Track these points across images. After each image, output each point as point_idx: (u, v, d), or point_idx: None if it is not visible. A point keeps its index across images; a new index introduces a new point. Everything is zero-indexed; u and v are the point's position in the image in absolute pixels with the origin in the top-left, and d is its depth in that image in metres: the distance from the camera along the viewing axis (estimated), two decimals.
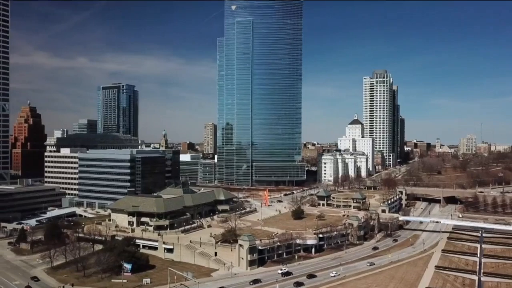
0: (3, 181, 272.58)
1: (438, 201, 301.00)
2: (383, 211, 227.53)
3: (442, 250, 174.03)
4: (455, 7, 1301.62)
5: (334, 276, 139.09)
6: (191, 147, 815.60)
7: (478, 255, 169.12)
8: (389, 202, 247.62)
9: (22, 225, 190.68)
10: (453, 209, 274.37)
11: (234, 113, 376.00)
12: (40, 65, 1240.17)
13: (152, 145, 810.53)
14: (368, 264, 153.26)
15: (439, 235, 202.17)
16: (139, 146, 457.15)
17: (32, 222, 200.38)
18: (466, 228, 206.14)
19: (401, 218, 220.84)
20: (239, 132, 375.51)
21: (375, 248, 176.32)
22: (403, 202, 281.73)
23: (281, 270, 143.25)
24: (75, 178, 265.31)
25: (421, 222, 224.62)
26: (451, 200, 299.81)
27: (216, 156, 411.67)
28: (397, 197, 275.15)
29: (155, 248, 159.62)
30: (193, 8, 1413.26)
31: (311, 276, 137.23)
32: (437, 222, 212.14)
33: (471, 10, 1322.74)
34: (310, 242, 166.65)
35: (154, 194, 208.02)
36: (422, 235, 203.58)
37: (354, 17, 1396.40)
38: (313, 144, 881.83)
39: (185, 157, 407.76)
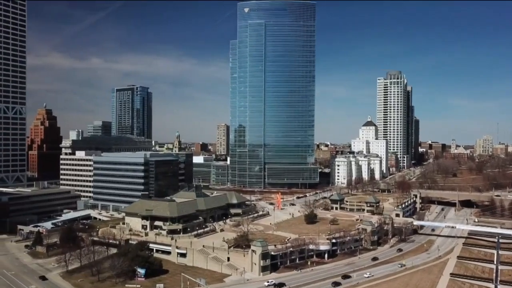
0: (20, 183, 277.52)
1: (453, 205, 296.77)
2: (397, 215, 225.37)
3: (457, 256, 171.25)
4: (471, 6, 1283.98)
5: (368, 277, 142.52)
6: (204, 147, 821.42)
7: (495, 262, 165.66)
8: (403, 206, 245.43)
9: (38, 228, 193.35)
10: (468, 213, 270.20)
11: (247, 115, 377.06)
12: (55, 66, 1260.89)
13: (165, 146, 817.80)
14: (399, 266, 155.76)
15: (454, 241, 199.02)
16: (153, 148, 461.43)
17: (48, 225, 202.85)
18: (482, 234, 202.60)
19: (416, 222, 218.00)
20: (251, 134, 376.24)
21: (389, 255, 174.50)
22: (418, 205, 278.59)
23: (268, 282, 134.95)
24: (90, 181, 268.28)
25: (433, 230, 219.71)
26: (466, 203, 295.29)
27: (228, 158, 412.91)
28: (411, 200, 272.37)
29: (169, 253, 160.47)
30: (205, 9, 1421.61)
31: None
32: (452, 227, 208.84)
33: (488, 9, 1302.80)
34: (323, 247, 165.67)
35: (168, 198, 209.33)
36: (437, 241, 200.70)
37: (367, 16, 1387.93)
38: (326, 145, 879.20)
39: (198, 159, 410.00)
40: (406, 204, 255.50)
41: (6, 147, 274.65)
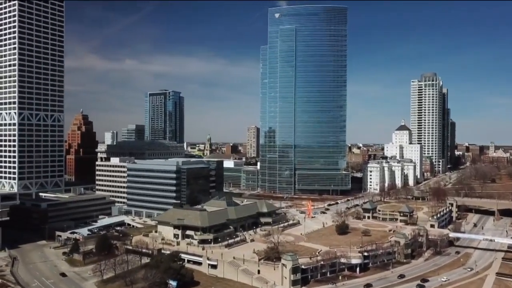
0: (58, 188, 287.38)
1: (491, 213, 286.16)
2: (432, 226, 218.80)
3: (496, 273, 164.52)
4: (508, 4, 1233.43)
5: (445, 281, 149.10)
6: (234, 149, 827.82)
7: None
8: (438, 216, 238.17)
9: (75, 234, 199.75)
10: (508, 223, 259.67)
11: (277, 121, 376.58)
12: (91, 67, 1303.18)
13: (197, 147, 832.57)
14: (468, 270, 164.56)
15: (493, 255, 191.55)
16: (184, 151, 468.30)
17: (84, 231, 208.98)
18: None
19: (451, 234, 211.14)
20: (281, 139, 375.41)
21: (424, 269, 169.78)
22: (454, 214, 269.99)
23: None
24: (123, 187, 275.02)
25: (457, 253, 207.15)
26: (506, 212, 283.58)
27: (259, 163, 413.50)
28: (447, 209, 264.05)
29: (200, 263, 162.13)
30: (235, 9, 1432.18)
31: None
32: (490, 240, 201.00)
33: None
34: (354, 261, 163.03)
35: (198, 206, 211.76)
36: (474, 254, 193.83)
37: (400, 16, 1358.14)
38: (359, 147, 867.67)
39: (228, 163, 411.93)
40: (442, 213, 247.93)
41: (45, 154, 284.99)
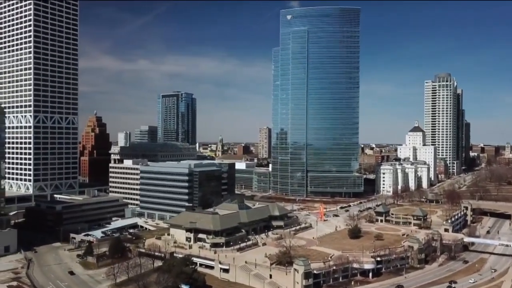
0: (72, 190, 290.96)
1: (507, 217, 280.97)
2: (446, 230, 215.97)
3: None
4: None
5: (473, 282, 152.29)
6: (246, 150, 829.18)
7: None
8: (452, 219, 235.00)
9: (89, 236, 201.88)
10: None
11: (289, 122, 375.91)
12: (104, 68, 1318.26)
13: (209, 147, 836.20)
14: (492, 271, 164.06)
15: (509, 260, 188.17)
16: (197, 152, 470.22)
17: (98, 233, 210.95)
18: None
19: (466, 239, 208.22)
20: (293, 141, 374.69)
21: (438, 274, 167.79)
22: (468, 218, 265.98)
23: None
24: (136, 189, 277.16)
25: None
26: None
27: (270, 165, 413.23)
28: (462, 213, 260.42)
29: (212, 267, 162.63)
30: (247, 9, 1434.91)
31: None
32: (506, 245, 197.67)
33: None
34: (367, 266, 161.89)
35: (211, 209, 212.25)
36: (489, 259, 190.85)
37: (414, 16, 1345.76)
38: (371, 148, 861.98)
39: (240, 165, 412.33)
40: (456, 217, 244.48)
41: (60, 156, 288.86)
